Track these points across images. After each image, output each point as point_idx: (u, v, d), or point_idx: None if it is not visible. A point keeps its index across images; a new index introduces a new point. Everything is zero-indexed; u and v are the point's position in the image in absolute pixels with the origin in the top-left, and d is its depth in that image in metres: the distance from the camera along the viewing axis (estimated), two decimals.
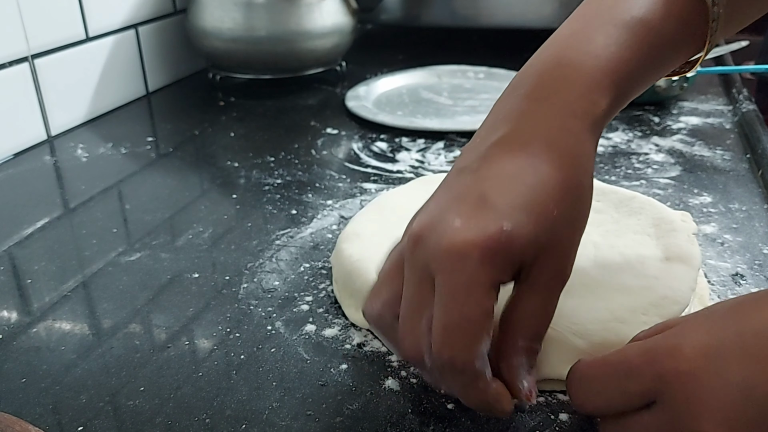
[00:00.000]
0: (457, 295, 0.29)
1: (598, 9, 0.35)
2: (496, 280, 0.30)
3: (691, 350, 0.27)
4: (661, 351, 0.27)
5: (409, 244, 0.31)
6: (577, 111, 0.32)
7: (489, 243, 0.29)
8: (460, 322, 0.29)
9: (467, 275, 0.29)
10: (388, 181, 0.61)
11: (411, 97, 0.84)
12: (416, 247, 0.31)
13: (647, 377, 0.27)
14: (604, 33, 0.33)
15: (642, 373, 0.28)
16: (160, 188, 0.62)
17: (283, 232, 0.53)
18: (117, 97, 0.83)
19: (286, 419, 0.34)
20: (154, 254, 0.50)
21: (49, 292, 0.46)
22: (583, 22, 0.35)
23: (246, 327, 0.42)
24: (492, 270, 0.29)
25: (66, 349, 0.40)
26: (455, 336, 0.29)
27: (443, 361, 0.30)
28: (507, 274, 0.30)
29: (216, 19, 0.83)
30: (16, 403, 0.36)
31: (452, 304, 0.29)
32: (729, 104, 0.78)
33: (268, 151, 0.69)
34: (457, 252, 0.29)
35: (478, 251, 0.29)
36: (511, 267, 0.30)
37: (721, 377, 0.26)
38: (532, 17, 1.01)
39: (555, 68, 0.33)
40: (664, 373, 0.27)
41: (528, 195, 0.30)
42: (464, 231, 0.29)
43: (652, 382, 0.27)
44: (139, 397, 0.36)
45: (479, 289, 0.29)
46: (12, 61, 0.67)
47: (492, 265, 0.29)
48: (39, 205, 0.58)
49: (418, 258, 0.31)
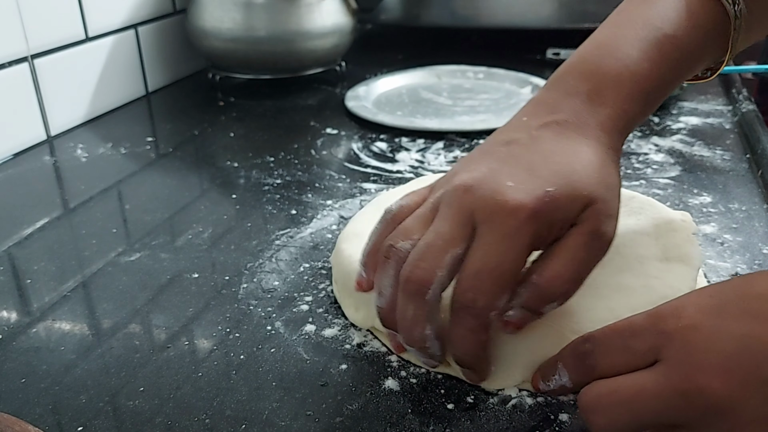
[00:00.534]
0: (499, 245, 0.32)
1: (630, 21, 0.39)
2: (535, 241, 0.32)
3: (694, 308, 0.28)
4: (665, 311, 0.29)
5: (457, 192, 0.34)
6: (612, 114, 0.37)
7: (536, 205, 0.32)
8: (494, 269, 0.31)
9: (512, 229, 0.32)
10: (387, 181, 0.61)
11: (411, 97, 0.84)
12: (465, 195, 0.33)
13: (651, 334, 0.29)
14: (636, 47, 0.37)
15: (646, 331, 0.29)
16: (160, 188, 0.62)
17: (283, 232, 0.53)
18: (117, 97, 0.83)
19: (285, 419, 0.34)
20: (154, 254, 0.50)
21: (49, 293, 0.46)
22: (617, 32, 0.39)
23: (246, 327, 0.42)
24: (534, 230, 0.32)
25: (66, 350, 0.40)
26: (487, 280, 0.31)
27: (465, 301, 0.32)
28: (544, 237, 0.33)
29: (216, 19, 0.83)
30: (16, 403, 0.36)
31: (492, 251, 0.32)
32: (729, 104, 0.78)
33: (268, 151, 0.69)
34: (509, 207, 0.32)
35: (526, 211, 0.32)
36: (549, 230, 0.33)
37: (720, 331, 0.27)
38: (532, 17, 1.01)
39: (592, 75, 0.37)
40: (668, 330, 0.28)
41: (570, 170, 0.34)
42: (515, 191, 0.32)
43: (655, 338, 0.28)
44: (138, 398, 0.36)
45: (519, 245, 0.32)
46: (11, 61, 0.67)
47: (535, 226, 0.32)
48: (38, 205, 0.58)
49: (463, 204, 0.33)
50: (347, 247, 0.44)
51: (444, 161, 0.65)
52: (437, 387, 0.37)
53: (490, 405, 0.35)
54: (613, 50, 0.38)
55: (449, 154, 0.67)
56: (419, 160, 0.66)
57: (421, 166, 0.64)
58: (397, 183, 0.60)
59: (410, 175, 0.62)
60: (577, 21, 0.99)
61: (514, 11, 1.01)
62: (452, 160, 0.65)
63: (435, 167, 0.64)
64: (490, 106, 0.80)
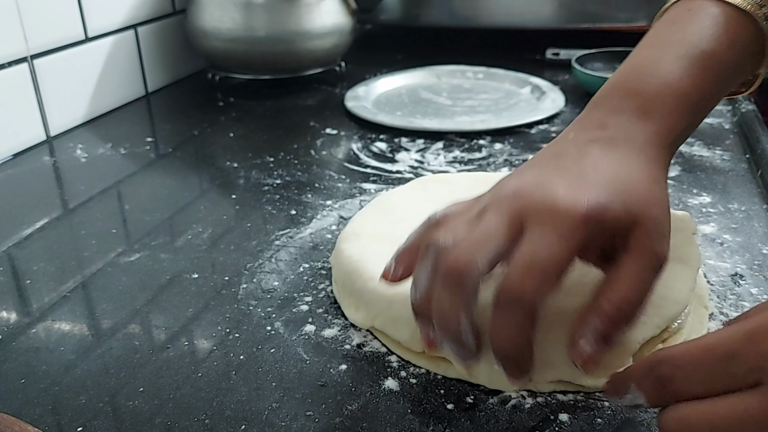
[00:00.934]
0: (550, 241, 0.31)
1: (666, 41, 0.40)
2: (582, 246, 0.32)
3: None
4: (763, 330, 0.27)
5: (506, 196, 0.34)
6: (659, 130, 0.37)
7: (588, 211, 0.32)
8: (545, 262, 0.31)
9: (564, 230, 0.32)
10: (387, 182, 0.61)
11: (410, 97, 0.84)
12: (514, 198, 0.34)
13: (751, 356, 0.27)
14: (676, 65, 0.38)
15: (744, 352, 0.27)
16: (160, 189, 0.62)
17: (283, 232, 0.53)
18: (116, 98, 0.83)
19: (285, 419, 0.34)
20: (154, 255, 0.50)
21: (49, 293, 0.46)
22: (654, 53, 0.40)
23: (245, 327, 0.42)
24: (583, 235, 0.32)
25: (65, 350, 0.40)
26: (537, 273, 0.31)
27: (511, 294, 0.31)
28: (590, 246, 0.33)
29: (215, 20, 0.83)
30: (16, 403, 0.36)
31: (543, 246, 0.31)
32: (728, 104, 0.78)
33: (268, 151, 0.69)
34: (561, 211, 0.32)
35: (578, 215, 0.32)
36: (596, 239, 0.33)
37: None
38: (531, 17, 1.01)
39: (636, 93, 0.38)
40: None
41: (621, 184, 0.34)
42: (567, 197, 0.33)
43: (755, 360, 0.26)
44: (138, 398, 0.36)
45: (569, 246, 0.31)
46: (11, 62, 0.67)
47: (585, 231, 0.32)
48: (38, 206, 0.58)
49: (512, 206, 0.33)
50: (347, 247, 0.44)
51: (443, 161, 0.65)
52: (437, 387, 0.37)
53: (489, 405, 0.35)
54: (654, 69, 0.38)
55: (449, 154, 0.67)
56: (419, 160, 0.66)
57: (420, 166, 0.64)
58: (396, 183, 0.60)
59: (410, 176, 0.62)
60: (577, 21, 0.99)
61: (513, 11, 1.01)
62: (451, 160, 0.65)
63: (434, 167, 0.64)
64: (490, 106, 0.80)
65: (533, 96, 0.82)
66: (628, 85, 0.39)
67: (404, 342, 0.38)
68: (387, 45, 1.13)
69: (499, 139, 0.70)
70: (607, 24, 0.98)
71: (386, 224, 0.46)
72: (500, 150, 0.67)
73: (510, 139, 0.70)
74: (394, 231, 0.45)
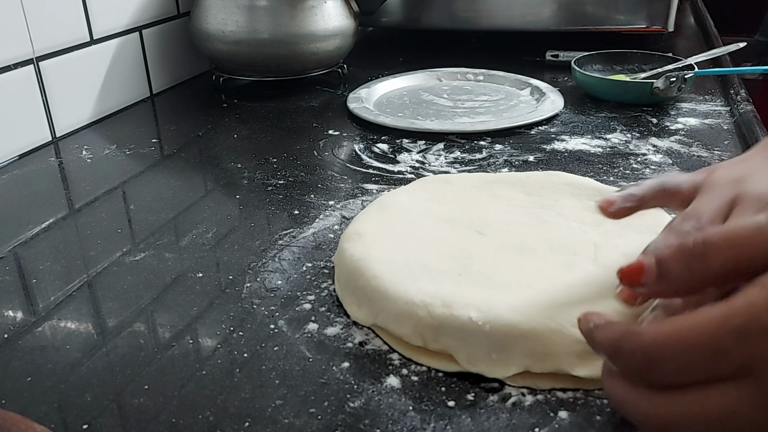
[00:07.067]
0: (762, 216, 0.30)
1: None
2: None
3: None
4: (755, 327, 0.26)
5: (727, 182, 0.38)
6: None
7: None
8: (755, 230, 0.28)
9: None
10: (389, 182, 0.62)
11: (411, 98, 0.84)
12: (737, 184, 0.37)
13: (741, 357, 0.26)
14: None
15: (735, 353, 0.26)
16: (164, 189, 0.63)
17: (286, 232, 0.53)
18: (121, 99, 0.83)
19: (288, 417, 0.35)
20: (159, 254, 0.51)
21: (54, 292, 0.46)
22: None
23: (249, 326, 0.42)
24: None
25: (71, 348, 0.41)
26: (743, 239, 0.29)
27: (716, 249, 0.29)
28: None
29: (219, 22, 0.84)
30: (22, 401, 0.36)
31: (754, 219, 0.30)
32: (726, 105, 0.78)
33: (271, 152, 0.69)
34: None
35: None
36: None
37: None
38: (531, 20, 1.02)
39: None
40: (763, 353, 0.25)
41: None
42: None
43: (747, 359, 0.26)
44: (143, 396, 0.36)
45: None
46: (17, 64, 0.68)
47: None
48: (44, 206, 0.59)
49: (729, 188, 0.37)
50: (349, 247, 0.45)
51: (444, 162, 0.66)
52: (438, 384, 0.37)
53: (490, 402, 0.36)
54: None
55: (449, 155, 0.67)
56: (420, 161, 0.66)
57: (421, 166, 0.65)
58: (398, 184, 0.61)
59: (411, 176, 0.63)
60: (576, 24, 1.00)
61: (513, 14, 1.02)
62: (452, 160, 0.66)
63: (436, 168, 0.64)
64: (490, 107, 0.80)
65: (533, 97, 0.83)
66: None
67: (406, 337, 0.39)
68: (388, 47, 1.14)
69: (500, 140, 0.70)
70: (606, 26, 0.98)
71: (388, 224, 0.47)
72: (500, 151, 0.68)
73: (510, 140, 0.70)
74: (396, 231, 0.46)
